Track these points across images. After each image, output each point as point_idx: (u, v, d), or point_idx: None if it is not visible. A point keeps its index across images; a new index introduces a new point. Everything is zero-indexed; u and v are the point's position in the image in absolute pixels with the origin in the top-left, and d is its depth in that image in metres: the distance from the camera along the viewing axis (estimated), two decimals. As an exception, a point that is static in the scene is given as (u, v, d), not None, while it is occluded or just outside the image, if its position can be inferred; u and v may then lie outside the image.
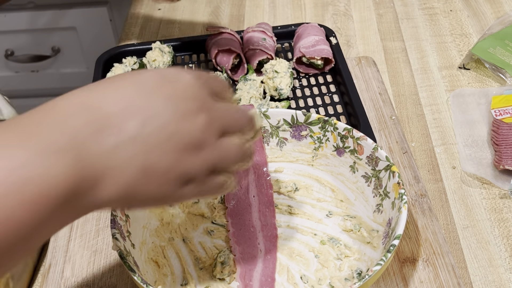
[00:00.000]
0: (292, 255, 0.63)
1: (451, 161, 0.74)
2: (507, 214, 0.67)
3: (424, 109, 0.81)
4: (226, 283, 0.60)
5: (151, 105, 0.41)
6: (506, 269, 0.61)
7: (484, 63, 0.86)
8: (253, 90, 0.78)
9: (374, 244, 0.59)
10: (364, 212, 0.62)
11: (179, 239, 0.64)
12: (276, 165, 0.68)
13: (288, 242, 0.64)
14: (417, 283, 0.59)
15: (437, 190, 0.70)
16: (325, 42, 0.85)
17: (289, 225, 0.66)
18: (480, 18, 0.98)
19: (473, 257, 0.63)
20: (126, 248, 0.53)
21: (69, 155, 0.38)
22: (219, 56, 0.84)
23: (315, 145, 0.66)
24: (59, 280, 0.63)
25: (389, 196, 0.58)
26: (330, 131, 0.64)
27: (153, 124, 0.41)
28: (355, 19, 1.01)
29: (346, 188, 0.65)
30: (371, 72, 0.86)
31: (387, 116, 0.78)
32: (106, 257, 0.65)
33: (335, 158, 0.65)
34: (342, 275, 0.60)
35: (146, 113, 0.41)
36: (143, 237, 0.59)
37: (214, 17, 1.05)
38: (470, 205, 0.68)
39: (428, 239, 0.63)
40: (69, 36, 1.48)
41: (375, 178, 0.61)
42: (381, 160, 0.60)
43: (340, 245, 0.63)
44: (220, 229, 0.66)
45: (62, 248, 0.66)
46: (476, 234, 0.65)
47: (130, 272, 0.50)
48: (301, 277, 0.61)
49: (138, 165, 0.40)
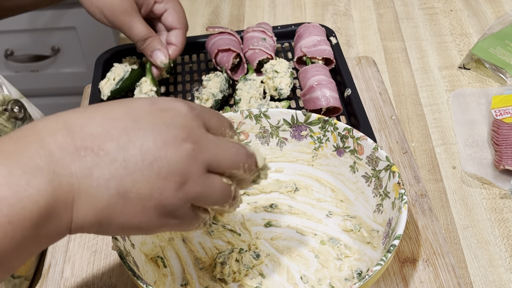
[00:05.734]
0: (292, 255, 0.63)
1: (451, 161, 0.74)
2: (507, 214, 0.67)
3: (424, 109, 0.81)
4: (226, 283, 0.60)
5: (135, 129, 0.40)
6: (507, 269, 0.61)
7: (484, 63, 0.86)
8: (253, 90, 0.78)
9: (374, 244, 0.59)
10: (364, 212, 0.62)
11: (179, 239, 0.64)
12: (276, 165, 0.68)
13: (288, 242, 0.64)
14: (417, 283, 0.59)
15: (437, 190, 0.70)
16: (326, 43, 0.85)
17: (289, 225, 0.66)
18: (480, 18, 0.98)
19: (473, 257, 0.63)
20: (126, 248, 0.53)
21: (44, 174, 0.36)
22: (219, 56, 0.84)
23: (315, 145, 0.66)
24: (59, 280, 0.63)
25: (389, 196, 0.58)
26: (330, 131, 0.64)
27: (135, 148, 0.39)
28: (355, 19, 1.01)
29: (346, 188, 0.65)
30: (371, 72, 0.86)
31: (387, 116, 0.78)
32: (106, 257, 0.64)
33: (335, 158, 0.65)
34: (342, 275, 0.60)
35: (129, 136, 0.39)
36: (143, 237, 0.59)
37: (214, 17, 1.05)
38: (470, 205, 0.68)
39: (428, 239, 0.63)
40: (69, 36, 1.48)
41: (375, 178, 0.60)
42: (381, 160, 0.60)
43: (340, 245, 0.63)
44: (220, 229, 0.65)
45: (62, 248, 0.66)
46: (476, 234, 0.65)
47: (129, 272, 0.50)
48: (301, 277, 0.61)
49: (115, 188, 0.39)
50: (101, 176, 0.38)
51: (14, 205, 0.35)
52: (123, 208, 0.39)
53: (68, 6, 1.43)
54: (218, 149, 0.43)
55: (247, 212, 0.67)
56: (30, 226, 0.36)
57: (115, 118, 0.40)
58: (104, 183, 0.38)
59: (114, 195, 0.39)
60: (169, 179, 0.40)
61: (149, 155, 0.39)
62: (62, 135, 0.38)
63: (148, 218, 0.41)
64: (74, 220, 0.38)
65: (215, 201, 0.44)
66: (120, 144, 0.39)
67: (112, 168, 0.38)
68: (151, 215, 0.41)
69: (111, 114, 0.40)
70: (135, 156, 0.39)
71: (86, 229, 0.40)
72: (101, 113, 0.40)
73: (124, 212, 0.40)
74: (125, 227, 0.41)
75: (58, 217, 0.37)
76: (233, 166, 0.44)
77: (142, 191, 0.39)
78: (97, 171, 0.38)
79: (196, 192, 0.41)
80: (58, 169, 0.37)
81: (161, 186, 0.40)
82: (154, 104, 0.42)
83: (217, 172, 0.43)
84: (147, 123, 0.40)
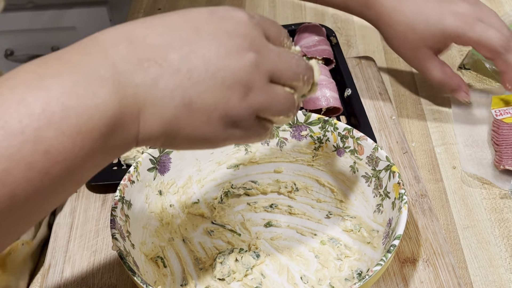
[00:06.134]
0: (292, 255, 0.63)
1: (451, 161, 0.73)
2: (507, 214, 0.67)
3: (424, 109, 0.81)
4: (226, 283, 0.60)
5: (196, 39, 0.39)
6: (507, 269, 0.61)
7: (484, 63, 0.86)
8: (253, 90, 0.78)
9: (374, 244, 0.59)
10: (364, 212, 0.62)
11: (179, 240, 0.64)
12: (276, 165, 0.68)
13: (288, 242, 0.64)
14: (417, 283, 0.59)
15: (437, 190, 0.70)
16: (326, 43, 0.85)
17: (289, 225, 0.66)
18: (480, 18, 0.98)
19: (474, 257, 0.63)
20: (126, 248, 0.53)
21: (109, 85, 0.36)
22: (219, 56, 0.84)
23: (315, 145, 0.66)
24: (59, 280, 0.63)
25: (389, 196, 0.58)
26: (330, 131, 0.64)
27: (197, 58, 0.39)
28: (355, 19, 1.01)
29: (346, 188, 0.65)
30: (371, 72, 0.86)
31: (387, 116, 0.78)
32: (106, 257, 0.64)
33: (335, 158, 0.65)
34: (342, 275, 0.60)
35: (192, 46, 0.39)
36: (143, 237, 0.59)
37: (214, 17, 1.04)
38: (470, 205, 0.68)
39: (429, 239, 0.63)
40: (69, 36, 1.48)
41: (375, 178, 0.60)
42: (381, 160, 0.60)
43: (340, 245, 0.63)
44: (220, 229, 0.65)
45: (62, 249, 0.66)
46: (477, 234, 0.65)
47: (129, 273, 0.50)
48: (301, 277, 0.61)
49: (180, 99, 0.38)
50: (166, 87, 0.38)
51: (82, 114, 0.35)
52: (188, 119, 0.39)
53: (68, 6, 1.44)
54: (279, 59, 0.42)
55: (247, 212, 0.67)
56: (99, 137, 0.36)
57: (175, 28, 0.39)
58: (169, 93, 0.38)
59: (180, 106, 0.39)
60: (233, 89, 0.39)
61: (212, 65, 0.39)
62: (124, 46, 0.38)
63: (214, 129, 0.40)
64: (141, 131, 0.39)
65: (279, 111, 0.43)
66: (183, 55, 0.38)
67: (176, 78, 0.38)
68: (216, 126, 0.40)
69: (171, 24, 0.40)
70: (198, 66, 0.39)
71: (153, 140, 0.40)
72: (160, 24, 0.40)
73: (190, 123, 0.39)
74: (191, 138, 0.41)
75: (125, 128, 0.37)
76: (294, 77, 0.43)
77: (207, 102, 0.39)
78: (162, 82, 0.38)
79: (260, 101, 0.41)
80: (123, 80, 0.37)
81: (226, 96, 0.39)
82: (213, 13, 0.41)
83: (278, 82, 0.42)
84: (208, 32, 0.40)
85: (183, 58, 0.38)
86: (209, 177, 0.66)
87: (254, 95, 0.41)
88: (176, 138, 0.40)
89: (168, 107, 0.38)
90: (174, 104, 0.38)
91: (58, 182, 0.35)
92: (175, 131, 0.40)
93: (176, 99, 0.38)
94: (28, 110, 0.33)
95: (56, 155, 0.34)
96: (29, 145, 0.33)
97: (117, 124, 0.37)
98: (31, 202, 0.35)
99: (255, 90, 0.40)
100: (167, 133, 0.39)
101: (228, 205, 0.67)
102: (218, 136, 0.41)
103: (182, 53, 0.38)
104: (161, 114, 0.38)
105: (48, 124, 0.34)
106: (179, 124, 0.39)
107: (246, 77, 0.40)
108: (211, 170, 0.66)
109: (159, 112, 0.38)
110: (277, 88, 0.42)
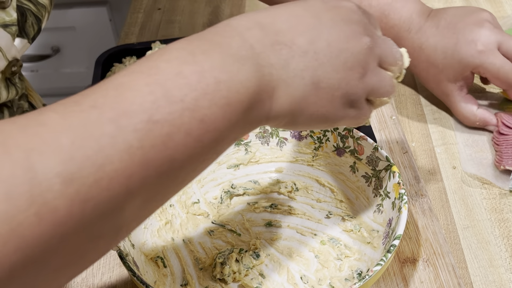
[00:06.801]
0: (292, 255, 0.63)
1: (451, 161, 0.73)
2: (507, 214, 0.66)
3: (424, 109, 0.81)
4: (226, 284, 0.60)
5: (318, 25, 0.43)
6: (507, 269, 0.61)
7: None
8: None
9: (374, 244, 0.59)
10: (364, 212, 0.62)
11: (179, 240, 0.63)
12: (276, 165, 0.68)
13: (288, 242, 0.64)
14: (418, 283, 0.59)
15: (438, 190, 0.70)
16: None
17: (289, 225, 0.66)
18: (480, 18, 0.97)
19: (474, 257, 0.63)
20: (125, 248, 0.53)
21: (250, 64, 0.39)
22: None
23: (315, 145, 0.66)
24: (58, 280, 0.63)
25: (390, 196, 0.58)
26: (330, 131, 0.64)
27: (322, 41, 0.42)
28: (355, 19, 1.00)
29: (346, 188, 0.65)
30: (371, 72, 0.86)
31: (387, 116, 0.78)
32: (106, 257, 0.64)
33: (335, 158, 0.65)
34: (342, 275, 0.60)
35: (315, 31, 0.42)
36: (143, 237, 0.59)
37: (214, 17, 1.05)
38: (470, 205, 0.68)
39: (429, 239, 0.63)
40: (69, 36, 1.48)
41: (376, 178, 0.60)
42: (381, 160, 0.60)
43: (340, 245, 0.63)
44: (220, 229, 0.65)
45: (62, 248, 0.66)
46: (477, 234, 0.65)
47: (129, 272, 0.50)
48: (301, 277, 0.61)
49: (309, 79, 0.42)
50: (297, 67, 0.41)
51: (231, 88, 0.37)
52: (315, 97, 0.42)
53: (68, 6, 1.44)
54: (385, 44, 0.47)
55: (247, 212, 0.67)
56: (242, 111, 0.38)
57: (298, 15, 0.43)
58: (300, 73, 0.41)
59: (309, 85, 0.42)
60: (353, 70, 0.43)
61: (335, 48, 0.42)
62: (257, 31, 0.41)
63: (335, 107, 0.44)
64: (273, 108, 0.41)
65: (385, 92, 0.47)
66: (309, 38, 0.42)
67: (305, 60, 0.41)
68: (337, 105, 0.44)
69: (293, 12, 0.43)
70: (324, 48, 0.42)
71: (281, 118, 0.42)
72: (284, 12, 0.43)
73: (316, 102, 0.43)
74: (313, 117, 0.44)
75: (261, 104, 0.40)
76: (393, 62, 0.47)
77: (332, 81, 0.43)
78: (293, 63, 0.41)
79: (373, 82, 0.45)
80: (260, 61, 0.40)
81: (347, 76, 0.43)
82: (325, 2, 0.45)
83: (382, 66, 0.46)
84: (327, 18, 0.43)
85: (310, 41, 0.42)
86: (209, 177, 0.66)
87: (369, 76, 0.45)
88: (300, 116, 0.43)
89: (298, 86, 0.41)
90: (304, 83, 0.42)
91: (207, 151, 0.37)
92: (301, 109, 0.43)
93: (306, 78, 0.42)
94: (186, 81, 0.36)
95: (209, 124, 0.36)
96: (188, 112, 0.35)
97: (256, 99, 0.39)
98: (183, 168, 0.37)
99: (370, 72, 0.45)
100: (293, 111, 0.42)
101: (228, 205, 0.67)
102: (337, 115, 0.45)
103: (308, 37, 0.42)
104: (291, 93, 0.41)
105: (204, 95, 0.36)
106: (306, 102, 0.42)
107: (364, 59, 0.44)
108: (211, 170, 0.66)
109: (290, 91, 0.41)
110: (383, 71, 0.46)
